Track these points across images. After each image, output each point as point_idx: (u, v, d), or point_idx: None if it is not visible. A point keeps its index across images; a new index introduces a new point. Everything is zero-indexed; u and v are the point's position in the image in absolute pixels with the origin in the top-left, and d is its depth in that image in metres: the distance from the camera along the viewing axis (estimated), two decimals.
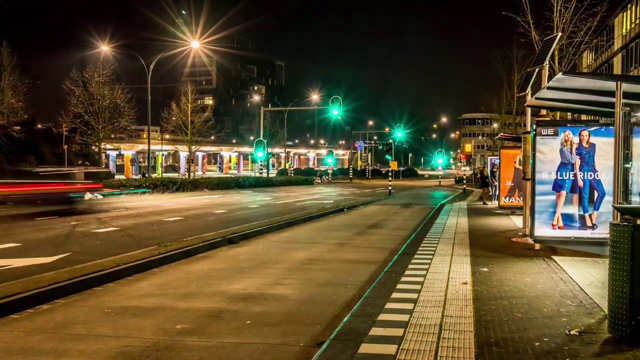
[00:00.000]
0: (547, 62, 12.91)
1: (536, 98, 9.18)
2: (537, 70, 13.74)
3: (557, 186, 10.09)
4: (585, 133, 9.91)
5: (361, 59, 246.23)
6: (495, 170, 25.52)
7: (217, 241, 13.59)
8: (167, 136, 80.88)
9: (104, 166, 55.00)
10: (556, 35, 13.87)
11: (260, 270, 10.68)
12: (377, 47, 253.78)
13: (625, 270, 5.58)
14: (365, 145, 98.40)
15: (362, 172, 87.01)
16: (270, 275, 10.15)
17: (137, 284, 9.33)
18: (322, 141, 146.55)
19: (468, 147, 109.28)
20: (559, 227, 10.20)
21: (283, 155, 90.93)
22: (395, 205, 29.67)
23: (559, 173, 10.06)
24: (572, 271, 9.49)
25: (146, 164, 65.22)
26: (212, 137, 78.42)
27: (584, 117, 22.90)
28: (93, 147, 48.61)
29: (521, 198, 18.59)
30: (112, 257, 10.78)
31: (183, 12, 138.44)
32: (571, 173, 10.01)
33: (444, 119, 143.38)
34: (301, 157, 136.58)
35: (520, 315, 6.74)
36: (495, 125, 61.77)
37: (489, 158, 31.89)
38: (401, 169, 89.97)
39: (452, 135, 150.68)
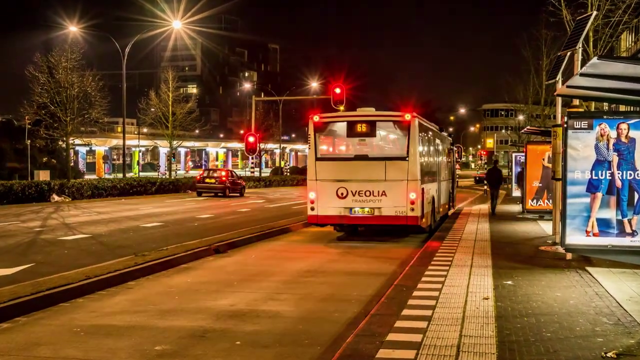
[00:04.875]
0: (580, 45, 12.90)
1: (567, 86, 9.17)
2: (568, 54, 13.72)
3: (592, 187, 10.07)
4: (623, 126, 9.90)
5: (367, 43, 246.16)
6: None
7: (202, 250, 13.60)
8: (145, 130, 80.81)
9: (72, 164, 55.02)
10: (590, 14, 13.86)
11: (251, 283, 10.68)
12: (385, 28, 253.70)
13: None
14: None
15: None
16: (263, 289, 10.15)
17: (111, 299, 9.32)
18: None
19: (489, 142, 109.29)
20: (594, 234, 10.18)
21: (278, 151, 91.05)
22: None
23: (593, 172, 10.04)
24: (609, 284, 9.49)
25: (121, 161, 65.27)
26: (197, 131, 78.30)
27: (622, 107, 22.87)
28: (60, 143, 48.54)
29: (550, 201, 18.58)
30: (81, 268, 10.78)
31: None
32: (608, 172, 9.99)
33: (462, 110, 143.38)
34: (298, 153, 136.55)
35: (549, 335, 6.73)
36: (520, 117, 61.73)
37: (513, 155, 31.87)
38: None
39: (472, 128, 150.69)
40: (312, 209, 16.48)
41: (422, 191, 16.60)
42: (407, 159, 16.20)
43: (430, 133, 19.57)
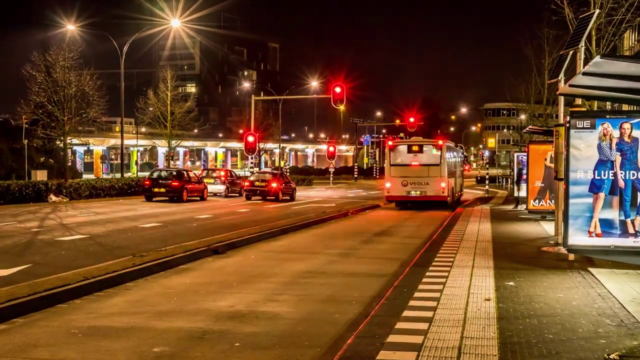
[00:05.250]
0: (583, 44, 12.91)
1: (570, 85, 9.18)
2: (571, 53, 13.72)
3: (595, 187, 10.07)
4: (626, 126, 9.89)
5: (368, 41, 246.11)
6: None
7: (201, 251, 13.60)
8: (144, 129, 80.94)
9: (69, 164, 54.99)
10: (593, 13, 13.87)
11: (250, 284, 10.69)
12: (386, 27, 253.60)
13: None
14: (373, 140, 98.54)
15: (368, 171, 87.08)
16: (262, 290, 10.16)
17: (109, 301, 9.33)
18: (322, 135, 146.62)
19: (491, 142, 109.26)
20: (597, 235, 10.18)
21: (277, 151, 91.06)
22: (407, 209, 29.68)
23: (596, 172, 10.04)
24: (612, 285, 9.49)
25: (119, 161, 65.24)
26: (195, 131, 78.40)
27: (625, 107, 22.89)
28: (57, 142, 48.54)
29: (552, 201, 18.58)
30: (79, 269, 10.79)
31: None
32: (611, 172, 9.99)
33: (463, 110, 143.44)
34: (298, 153, 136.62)
35: (551, 337, 6.74)
36: (522, 116, 61.71)
37: (515, 155, 31.89)
38: None
39: (473, 128, 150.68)
40: (389, 192, 29.00)
41: (448, 182, 28.57)
42: (439, 165, 28.38)
43: (451, 148, 32.10)
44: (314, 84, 75.35)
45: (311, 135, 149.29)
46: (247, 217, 23.44)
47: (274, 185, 33.80)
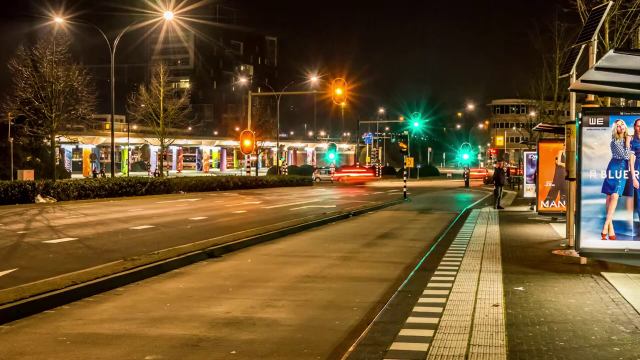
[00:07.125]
0: (596, 37, 12.91)
1: (582, 81, 9.18)
2: (583, 47, 13.73)
3: (608, 187, 10.07)
4: None
5: (370, 34, 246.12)
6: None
7: (195, 254, 13.60)
8: (135, 127, 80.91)
9: (57, 163, 54.98)
10: (606, 4, 13.86)
11: (247, 289, 10.69)
12: (389, 19, 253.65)
13: None
14: (375, 138, 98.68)
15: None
16: (260, 295, 10.16)
17: (98, 306, 9.33)
18: (322, 133, 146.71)
19: (500, 140, 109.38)
20: (610, 238, 10.18)
21: (275, 150, 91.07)
22: (411, 210, 29.70)
23: (610, 172, 10.04)
24: (626, 291, 9.49)
25: (109, 160, 65.21)
26: (189, 128, 78.45)
27: None
28: (45, 140, 48.59)
29: (564, 202, 18.58)
30: (67, 273, 10.79)
31: None
32: (625, 171, 9.99)
33: (470, 106, 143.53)
34: (297, 152, 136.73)
35: (562, 344, 6.74)
36: (532, 113, 61.75)
37: (524, 153, 31.91)
38: (418, 166, 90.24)
39: (481, 125, 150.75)
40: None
41: None
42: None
43: None
44: (314, 79, 75.42)
45: (311, 134, 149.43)
46: (244, 218, 23.45)
47: None
